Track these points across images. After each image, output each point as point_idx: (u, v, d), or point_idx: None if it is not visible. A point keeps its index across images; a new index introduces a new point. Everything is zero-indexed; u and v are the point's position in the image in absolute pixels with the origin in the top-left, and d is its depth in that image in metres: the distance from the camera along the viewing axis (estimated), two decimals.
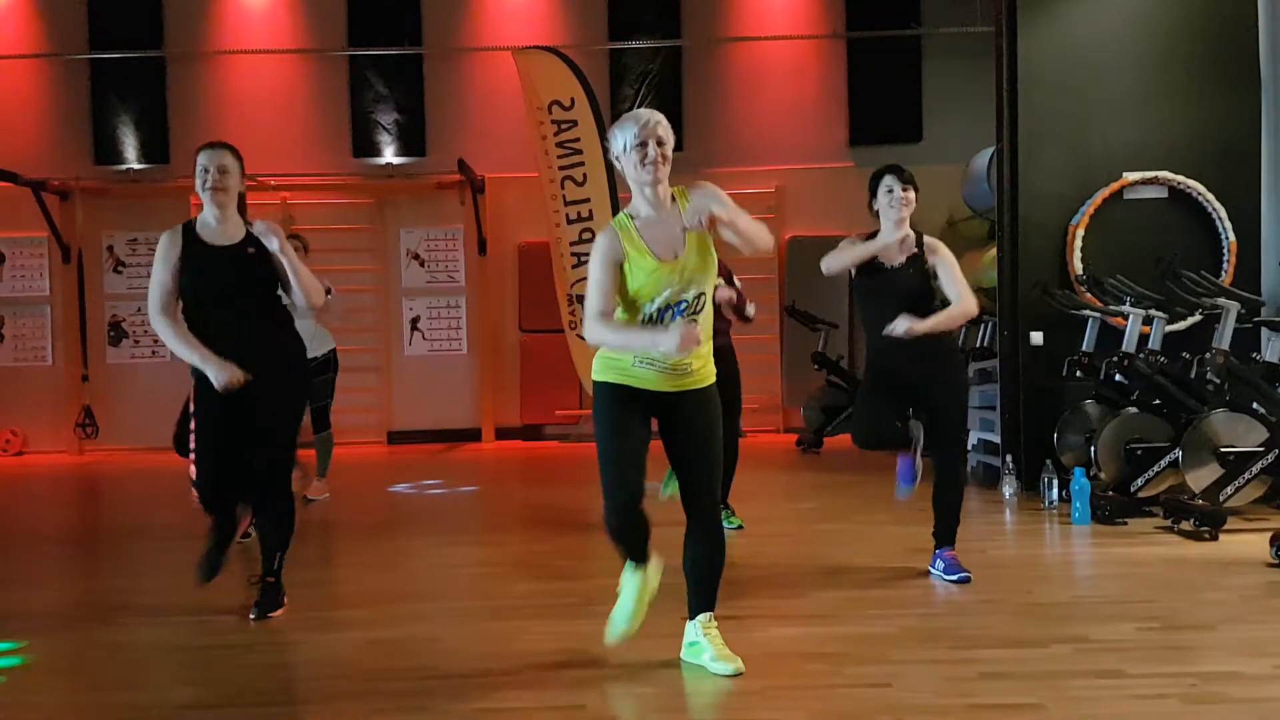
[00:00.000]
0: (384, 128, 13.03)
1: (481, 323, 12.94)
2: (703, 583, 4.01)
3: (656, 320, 3.81)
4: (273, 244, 4.63)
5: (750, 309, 6.31)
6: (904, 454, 5.26)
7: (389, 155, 13.04)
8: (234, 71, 12.92)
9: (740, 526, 6.61)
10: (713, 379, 3.98)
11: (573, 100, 8.92)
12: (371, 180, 12.98)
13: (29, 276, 12.90)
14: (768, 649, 4.27)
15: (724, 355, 6.19)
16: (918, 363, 5.02)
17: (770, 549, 6.08)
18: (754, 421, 12.64)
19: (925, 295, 5.03)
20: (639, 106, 12.99)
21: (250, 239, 4.70)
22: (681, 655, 4.03)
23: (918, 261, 5.03)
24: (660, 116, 3.87)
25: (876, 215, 5.11)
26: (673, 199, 3.90)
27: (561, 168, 9.00)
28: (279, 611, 4.79)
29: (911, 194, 5.02)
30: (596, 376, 3.92)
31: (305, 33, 12.97)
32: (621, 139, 3.84)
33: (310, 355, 7.56)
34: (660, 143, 3.81)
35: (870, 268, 5.06)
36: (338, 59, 12.93)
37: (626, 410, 3.86)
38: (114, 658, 4.33)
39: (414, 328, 13.09)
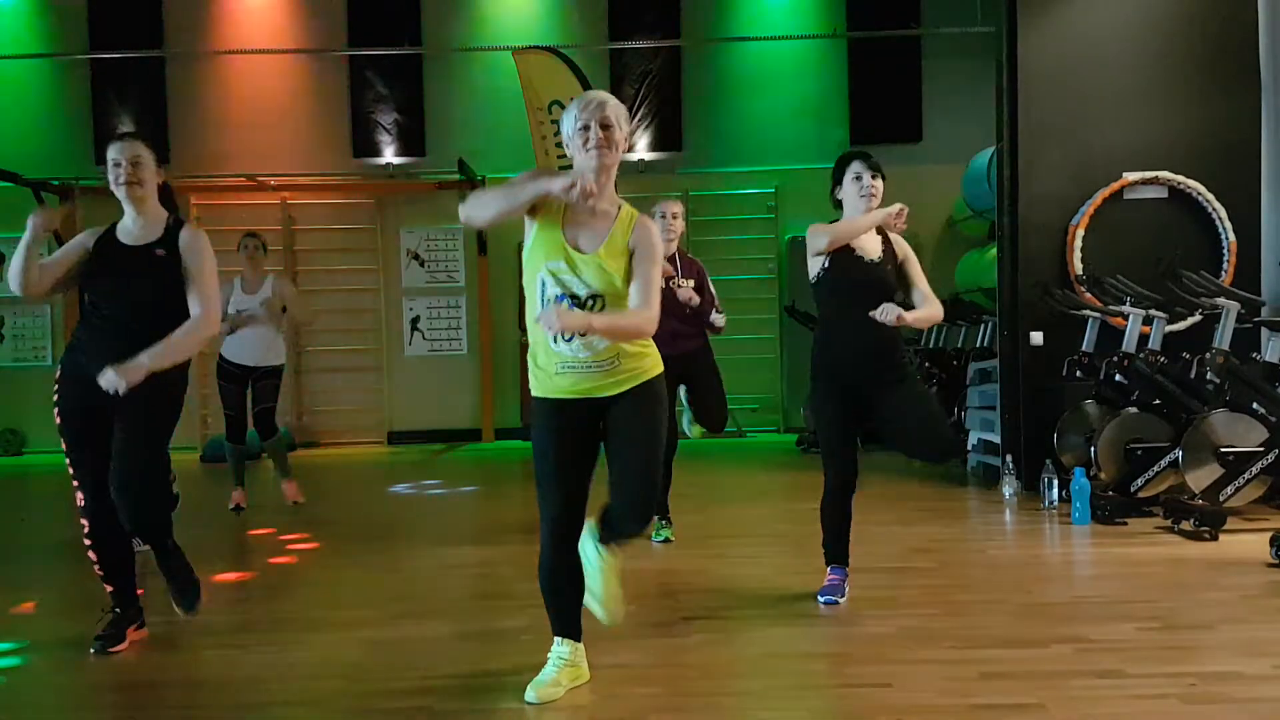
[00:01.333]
0: (384, 128, 13.03)
1: (481, 323, 12.94)
2: (619, 537, 3.64)
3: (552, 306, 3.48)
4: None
5: (719, 319, 6.20)
6: (839, 568, 4.93)
7: (389, 155, 13.04)
8: (234, 71, 12.93)
9: (667, 540, 6.25)
10: (652, 374, 3.61)
11: (573, 100, 8.93)
12: (371, 180, 12.99)
13: None
14: (768, 649, 4.27)
15: (698, 358, 6.20)
16: (873, 368, 4.68)
17: (770, 549, 6.08)
18: (754, 421, 12.66)
19: (895, 290, 4.73)
20: (639, 106, 13.09)
21: (165, 240, 4.28)
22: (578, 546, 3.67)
23: (891, 255, 4.74)
24: (608, 98, 3.56)
25: (838, 205, 4.82)
26: (616, 205, 3.60)
27: (562, 168, 8.99)
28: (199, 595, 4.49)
29: (880, 184, 4.70)
30: (532, 392, 3.65)
31: (305, 33, 12.98)
32: (566, 123, 3.57)
33: (263, 364, 7.59)
34: (605, 125, 3.49)
35: (849, 259, 4.69)
36: (338, 59, 12.93)
37: (556, 428, 3.58)
38: (113, 658, 4.32)
39: (414, 328, 13.09)
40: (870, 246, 4.73)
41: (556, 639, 3.79)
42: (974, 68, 11.11)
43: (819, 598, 4.85)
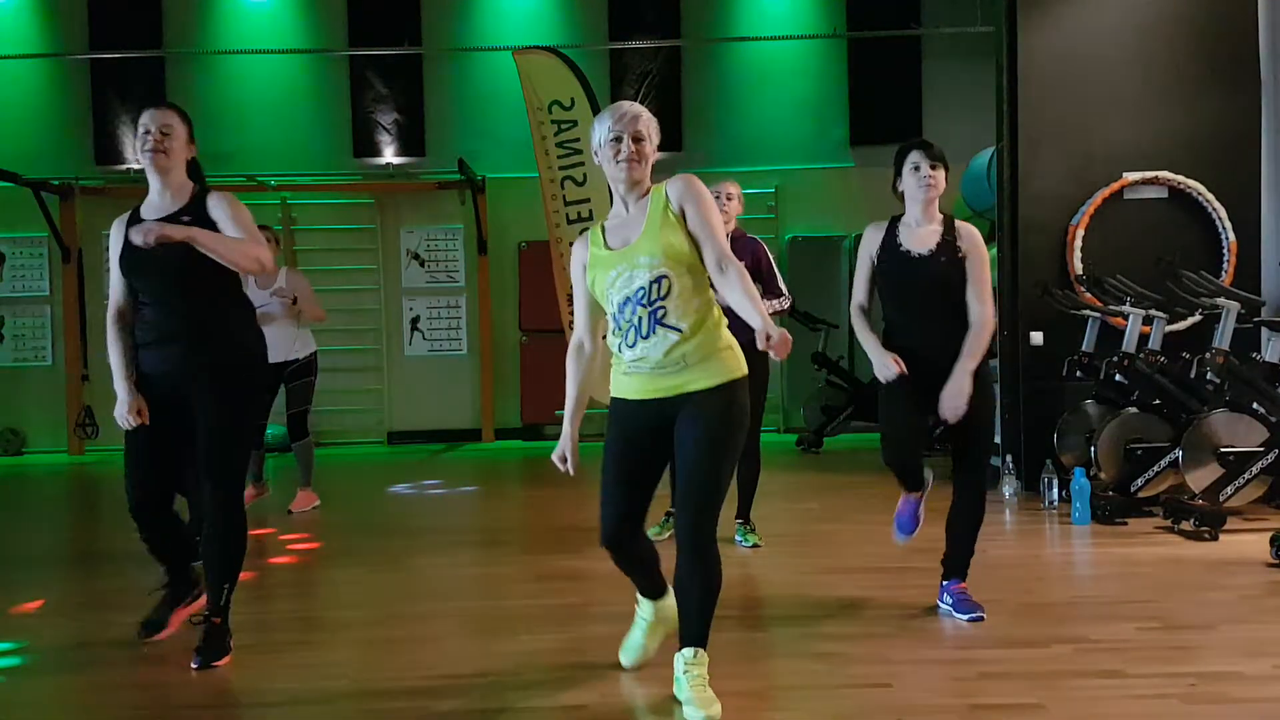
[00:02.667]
0: (384, 128, 13.03)
1: (481, 323, 12.94)
2: (686, 612, 3.53)
3: (620, 315, 3.50)
4: (218, 210, 4.06)
5: (776, 303, 5.83)
6: (910, 497, 4.78)
7: (389, 155, 13.04)
8: (234, 71, 12.92)
9: (756, 545, 6.12)
10: (721, 378, 3.49)
11: (573, 100, 8.91)
12: (371, 180, 12.99)
13: (29, 276, 12.90)
14: (768, 649, 4.27)
15: (754, 355, 5.64)
16: (940, 365, 4.41)
17: (770, 549, 6.08)
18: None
19: (957, 285, 4.45)
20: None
21: (191, 208, 4.09)
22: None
23: (950, 249, 4.48)
24: (640, 111, 3.55)
25: (900, 197, 4.61)
26: (646, 192, 3.56)
27: (561, 168, 8.99)
28: (225, 659, 4.15)
29: (941, 174, 4.52)
30: (611, 391, 3.66)
31: (305, 33, 12.97)
32: (597, 134, 3.55)
33: (290, 358, 7.52)
34: (636, 139, 3.49)
35: (896, 256, 4.50)
36: (338, 59, 12.93)
37: (624, 427, 3.59)
38: (113, 658, 4.32)
39: (414, 328, 13.09)
40: (925, 238, 4.51)
41: (640, 599, 3.87)
42: (974, 68, 11.11)
43: (896, 528, 4.84)
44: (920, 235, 4.51)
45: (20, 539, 7.50)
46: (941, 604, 4.65)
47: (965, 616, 4.48)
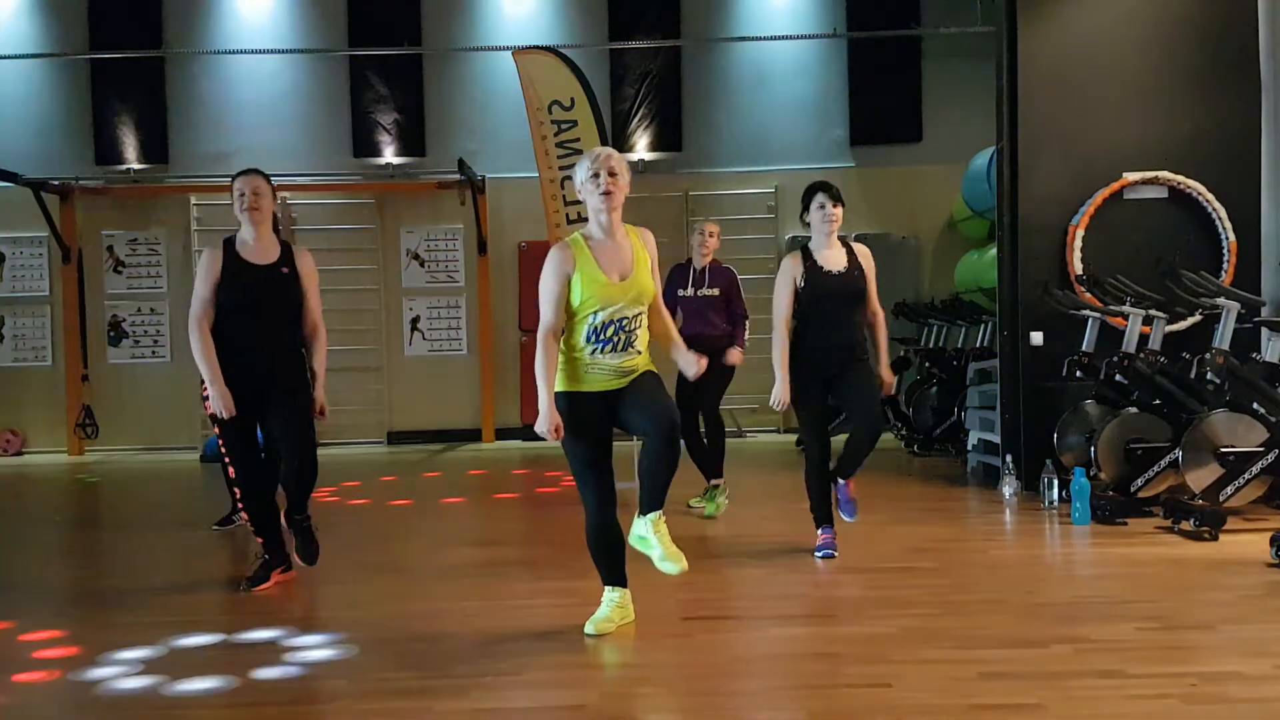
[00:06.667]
0: (384, 128, 13.03)
1: (481, 323, 12.94)
2: (657, 484, 4.29)
3: (600, 333, 4.25)
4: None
5: (734, 354, 7.21)
6: (829, 527, 5.76)
7: (389, 155, 13.04)
8: (234, 71, 12.93)
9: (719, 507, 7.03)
10: (645, 369, 4.41)
11: (573, 100, 8.90)
12: (371, 180, 12.99)
13: (29, 276, 12.91)
14: (768, 649, 4.27)
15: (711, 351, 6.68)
16: (841, 358, 5.63)
17: (770, 549, 6.08)
18: (754, 421, 12.65)
19: (864, 295, 5.63)
20: (639, 107, 13.09)
21: (285, 259, 5.29)
22: (629, 541, 4.39)
23: (856, 265, 5.61)
24: (612, 151, 4.35)
25: (807, 225, 5.72)
26: (618, 217, 4.35)
27: (562, 168, 8.98)
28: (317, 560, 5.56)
29: (840, 210, 5.59)
30: (556, 387, 4.31)
31: (305, 33, 12.98)
32: (580, 173, 4.33)
33: None
34: (612, 173, 4.27)
35: (819, 274, 5.58)
36: (338, 59, 12.94)
37: (585, 417, 4.30)
38: (110, 662, 4.32)
39: (414, 328, 13.10)
40: (836, 259, 5.62)
41: (607, 587, 4.45)
42: (974, 68, 11.10)
43: (816, 554, 5.63)
44: (831, 257, 5.64)
45: (20, 540, 7.50)
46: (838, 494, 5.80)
47: (847, 515, 5.75)
